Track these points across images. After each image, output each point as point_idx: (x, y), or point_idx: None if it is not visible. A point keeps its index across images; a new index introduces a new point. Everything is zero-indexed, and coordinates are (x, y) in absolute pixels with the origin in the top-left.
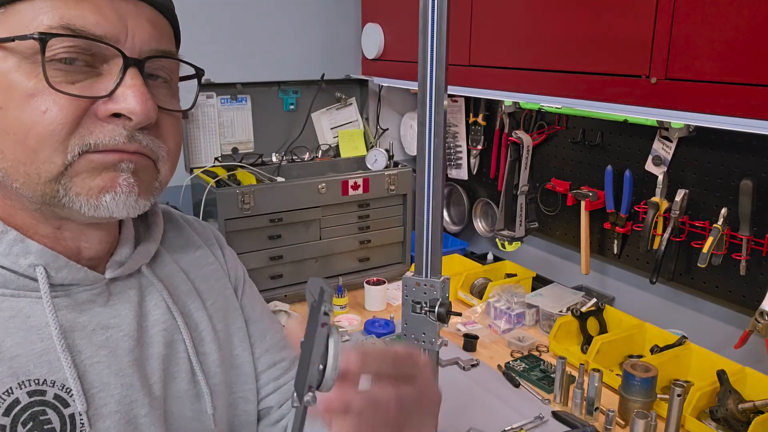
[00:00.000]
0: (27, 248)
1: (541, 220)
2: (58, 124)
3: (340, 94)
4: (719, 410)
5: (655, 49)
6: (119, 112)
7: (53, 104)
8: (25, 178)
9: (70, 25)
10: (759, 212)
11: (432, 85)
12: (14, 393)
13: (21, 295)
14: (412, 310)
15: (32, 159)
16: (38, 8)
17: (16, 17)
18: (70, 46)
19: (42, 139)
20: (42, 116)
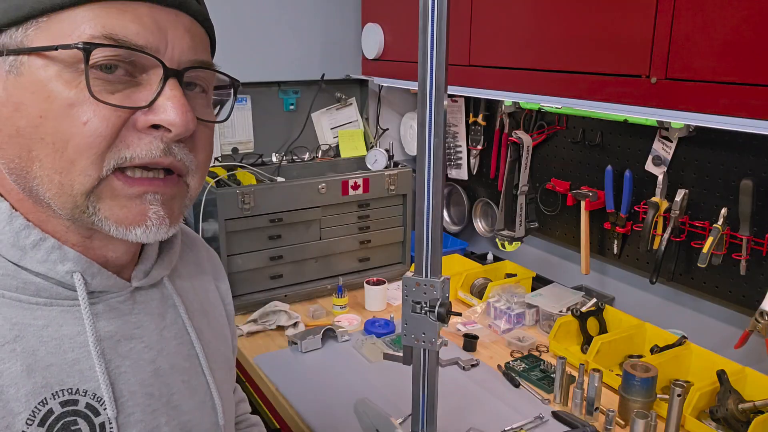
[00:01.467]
0: (65, 255)
1: (541, 220)
2: (99, 135)
3: (340, 94)
4: (719, 410)
5: (655, 49)
6: (159, 123)
7: (94, 115)
8: (58, 189)
9: (112, 35)
10: (759, 212)
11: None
12: (48, 403)
13: (53, 303)
14: (412, 310)
15: (68, 169)
16: (80, 18)
17: (58, 26)
18: (111, 55)
19: (81, 150)
20: (83, 127)
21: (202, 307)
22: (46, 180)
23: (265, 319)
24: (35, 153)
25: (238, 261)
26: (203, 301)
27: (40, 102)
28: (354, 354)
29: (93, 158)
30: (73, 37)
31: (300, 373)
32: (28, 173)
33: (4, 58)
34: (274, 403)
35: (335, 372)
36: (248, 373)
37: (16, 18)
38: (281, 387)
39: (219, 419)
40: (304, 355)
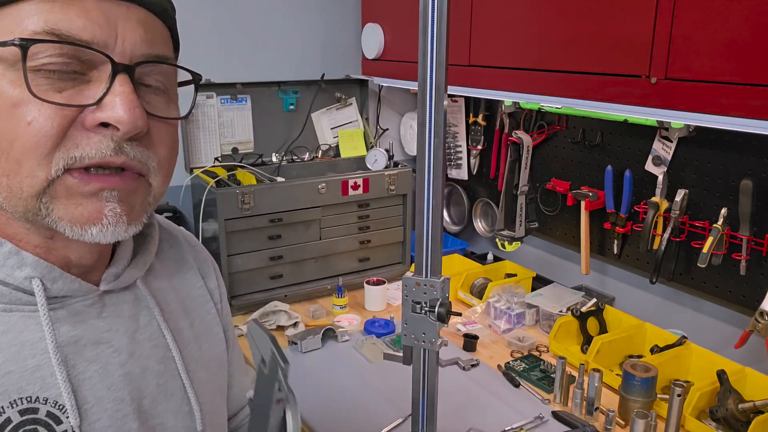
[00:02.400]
0: (22, 260)
1: (541, 220)
2: (44, 135)
3: (340, 94)
4: (719, 410)
5: (655, 49)
6: (106, 121)
7: (38, 114)
8: (7, 192)
9: (55, 30)
10: (759, 212)
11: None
12: (6, 412)
13: (13, 309)
14: (412, 310)
15: (16, 171)
16: (23, 13)
17: (3, 20)
18: (56, 52)
19: (26, 151)
20: (27, 127)
21: (183, 307)
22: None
23: (265, 319)
24: None
25: (238, 261)
26: (184, 299)
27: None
28: (354, 354)
29: (39, 159)
30: (15, 33)
31: (300, 373)
32: None
33: None
34: None
35: (335, 372)
36: None
37: None
38: None
39: (197, 425)
40: (304, 355)
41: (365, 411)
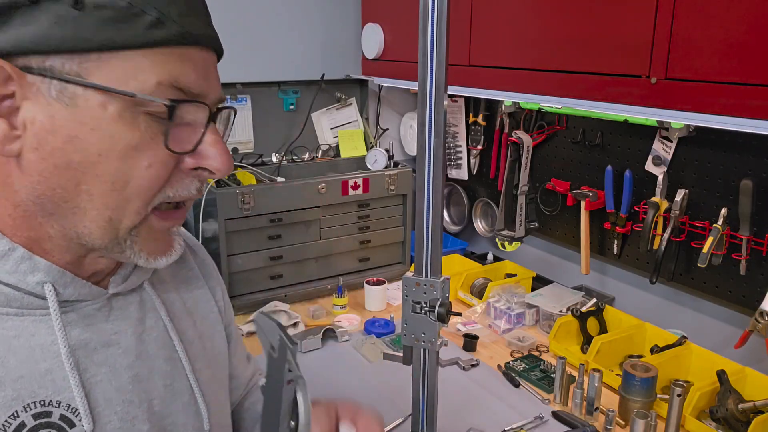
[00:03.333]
0: (35, 265)
1: (541, 220)
2: (159, 178)
3: (340, 94)
4: (719, 410)
5: (655, 49)
6: (207, 168)
7: (156, 160)
8: (107, 224)
9: (176, 83)
10: (759, 212)
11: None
12: (20, 416)
13: (25, 313)
14: (412, 310)
15: (123, 207)
16: (142, 61)
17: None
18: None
19: (140, 191)
20: (145, 170)
21: (186, 307)
22: (93, 213)
23: None
24: (85, 187)
25: (238, 261)
26: (187, 300)
27: (101, 141)
28: (354, 354)
29: (147, 199)
30: (138, 80)
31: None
32: (68, 203)
33: (49, 82)
34: None
35: (335, 372)
36: None
37: (76, 48)
38: None
39: (204, 424)
40: (304, 355)
41: None
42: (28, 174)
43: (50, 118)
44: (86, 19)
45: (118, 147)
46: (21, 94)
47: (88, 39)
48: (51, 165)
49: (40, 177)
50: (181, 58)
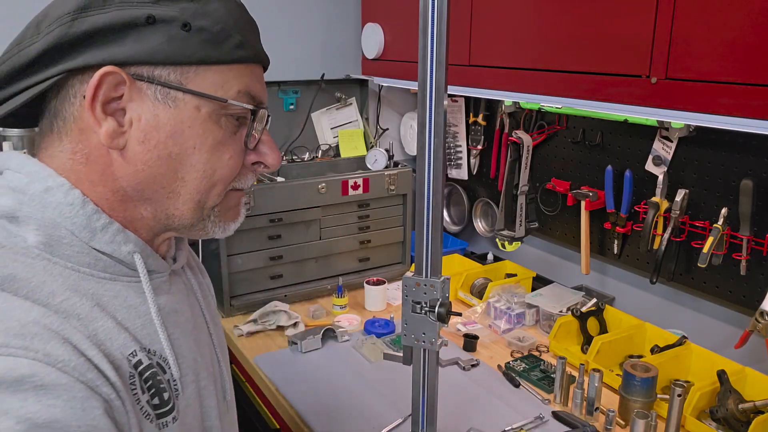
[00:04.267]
0: (127, 237)
1: (541, 220)
2: (235, 168)
3: (340, 94)
4: (719, 410)
5: (655, 49)
6: (264, 162)
7: (234, 153)
8: (194, 204)
9: (251, 92)
10: (759, 212)
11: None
12: (138, 355)
13: (116, 279)
14: (412, 310)
15: (209, 191)
16: (228, 74)
17: (211, 76)
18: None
19: (223, 179)
20: (227, 161)
21: (203, 290)
22: (185, 197)
23: (265, 319)
24: (181, 174)
25: (238, 261)
26: (202, 284)
27: (195, 136)
28: (354, 354)
29: (226, 184)
30: (224, 89)
31: (300, 373)
32: (165, 188)
33: (155, 87)
34: (274, 403)
35: (335, 372)
36: (248, 373)
37: (180, 62)
38: (281, 387)
39: (226, 395)
40: (304, 355)
41: (365, 411)
42: (132, 163)
43: (155, 116)
44: (191, 39)
45: (208, 142)
46: (128, 96)
47: (190, 55)
48: (155, 156)
49: (144, 166)
50: (251, 73)
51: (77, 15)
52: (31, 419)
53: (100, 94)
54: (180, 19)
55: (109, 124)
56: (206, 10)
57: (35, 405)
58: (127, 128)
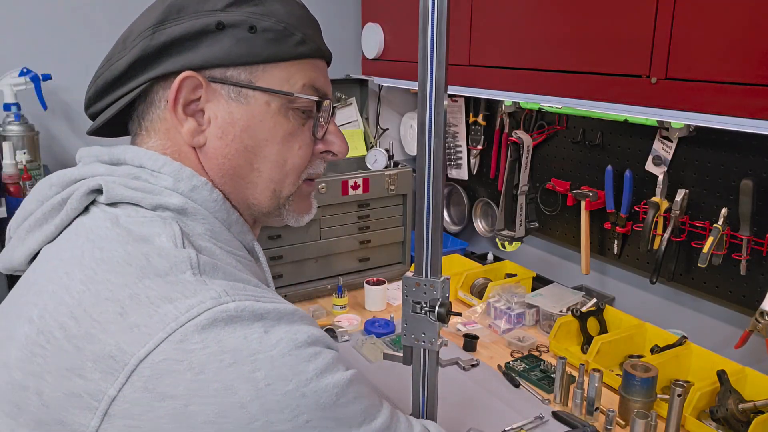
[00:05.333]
0: (248, 229)
1: (541, 220)
2: (306, 158)
3: (340, 94)
4: (719, 410)
5: (655, 49)
6: (332, 151)
7: (304, 143)
8: (270, 193)
9: (314, 85)
10: (759, 212)
11: (432, 85)
12: None
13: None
14: (412, 310)
15: (282, 181)
16: (292, 70)
17: (277, 73)
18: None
19: (295, 168)
20: (297, 151)
21: None
22: (261, 186)
23: None
24: (257, 165)
25: None
26: None
27: (267, 129)
28: (354, 354)
29: (298, 173)
30: (290, 83)
31: None
32: (243, 178)
33: (228, 87)
34: None
35: None
36: None
37: (250, 62)
38: None
39: None
40: None
41: None
42: (215, 158)
43: (230, 114)
44: (257, 39)
45: (279, 134)
46: (205, 98)
47: (258, 54)
48: (233, 149)
49: (224, 159)
50: (314, 67)
51: (156, 28)
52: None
53: (180, 97)
54: (246, 22)
55: (189, 123)
56: (269, 11)
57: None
58: (206, 126)
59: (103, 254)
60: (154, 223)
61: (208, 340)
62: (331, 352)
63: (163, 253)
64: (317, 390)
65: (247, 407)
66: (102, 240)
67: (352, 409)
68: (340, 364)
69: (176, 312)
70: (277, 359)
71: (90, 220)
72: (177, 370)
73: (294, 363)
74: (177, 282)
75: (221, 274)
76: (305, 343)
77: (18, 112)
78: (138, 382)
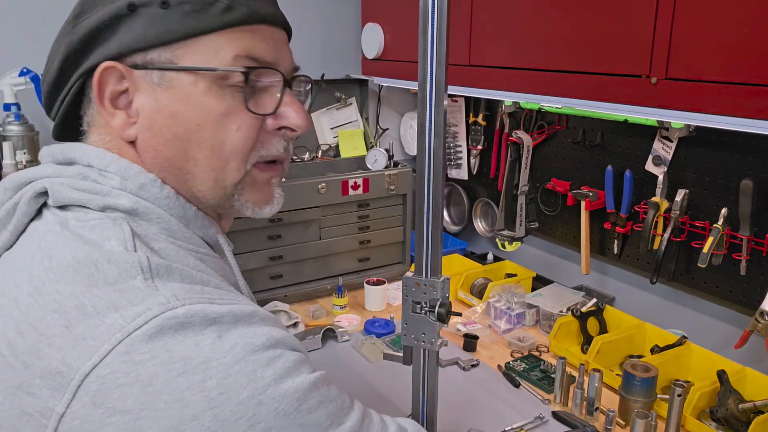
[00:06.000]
0: (211, 222)
1: (541, 220)
2: (248, 139)
3: (340, 94)
4: (719, 410)
5: (655, 49)
6: (288, 126)
7: (243, 123)
8: (213, 183)
9: (251, 54)
10: (759, 212)
11: (432, 85)
12: None
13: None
14: (412, 310)
15: (223, 168)
16: (221, 41)
17: (203, 47)
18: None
19: (235, 152)
20: (236, 133)
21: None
22: (201, 176)
23: None
24: (192, 154)
25: (238, 261)
26: None
27: (196, 113)
28: (354, 354)
29: (242, 157)
30: (219, 57)
31: None
32: (181, 170)
33: (150, 73)
34: None
35: (335, 372)
36: None
37: (168, 40)
38: None
39: None
40: None
41: None
42: (147, 151)
43: (156, 101)
44: (172, 15)
45: (211, 116)
46: (133, 87)
47: (176, 30)
48: (162, 139)
49: (156, 151)
50: (252, 35)
51: (75, 22)
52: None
53: (105, 90)
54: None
55: (118, 117)
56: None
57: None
58: (136, 118)
59: (51, 263)
60: (103, 227)
61: (156, 349)
62: (294, 354)
63: (112, 259)
64: (276, 396)
65: (200, 419)
66: (51, 247)
67: (316, 415)
68: (304, 367)
69: (122, 321)
70: (231, 366)
71: (42, 225)
72: (125, 383)
73: (250, 369)
74: (126, 289)
75: (177, 276)
76: (263, 346)
77: (18, 112)
78: (85, 397)
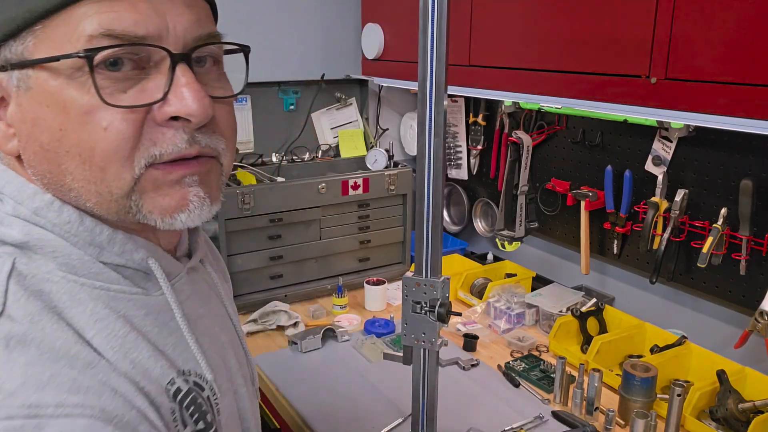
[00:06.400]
0: (137, 243)
1: (541, 220)
2: (122, 139)
3: (340, 94)
4: (719, 410)
5: (655, 49)
6: (177, 114)
7: (112, 118)
8: (97, 197)
9: (110, 31)
10: (759, 212)
11: (432, 85)
12: (176, 382)
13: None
14: (412, 310)
15: (101, 178)
16: (76, 18)
17: (56, 31)
18: (113, 53)
19: (108, 156)
20: (104, 133)
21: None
22: (83, 191)
23: (265, 319)
24: (64, 166)
25: (238, 261)
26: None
27: (56, 114)
28: (354, 354)
29: (122, 161)
30: (73, 40)
31: (300, 373)
32: (63, 186)
33: (10, 74)
34: (274, 403)
35: (335, 372)
36: None
37: (11, 31)
38: (281, 387)
39: (255, 390)
40: (304, 355)
41: (365, 411)
42: (27, 167)
43: (20, 107)
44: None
45: (72, 116)
46: (5, 93)
47: (13, 17)
48: (32, 152)
49: (32, 168)
50: (111, 6)
51: None
52: None
53: None
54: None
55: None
56: None
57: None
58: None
59: None
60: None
61: None
62: None
63: None
64: None
65: None
66: None
67: None
68: None
69: None
70: None
71: None
72: None
73: None
74: None
75: (33, 350)
76: None
77: None
78: None
